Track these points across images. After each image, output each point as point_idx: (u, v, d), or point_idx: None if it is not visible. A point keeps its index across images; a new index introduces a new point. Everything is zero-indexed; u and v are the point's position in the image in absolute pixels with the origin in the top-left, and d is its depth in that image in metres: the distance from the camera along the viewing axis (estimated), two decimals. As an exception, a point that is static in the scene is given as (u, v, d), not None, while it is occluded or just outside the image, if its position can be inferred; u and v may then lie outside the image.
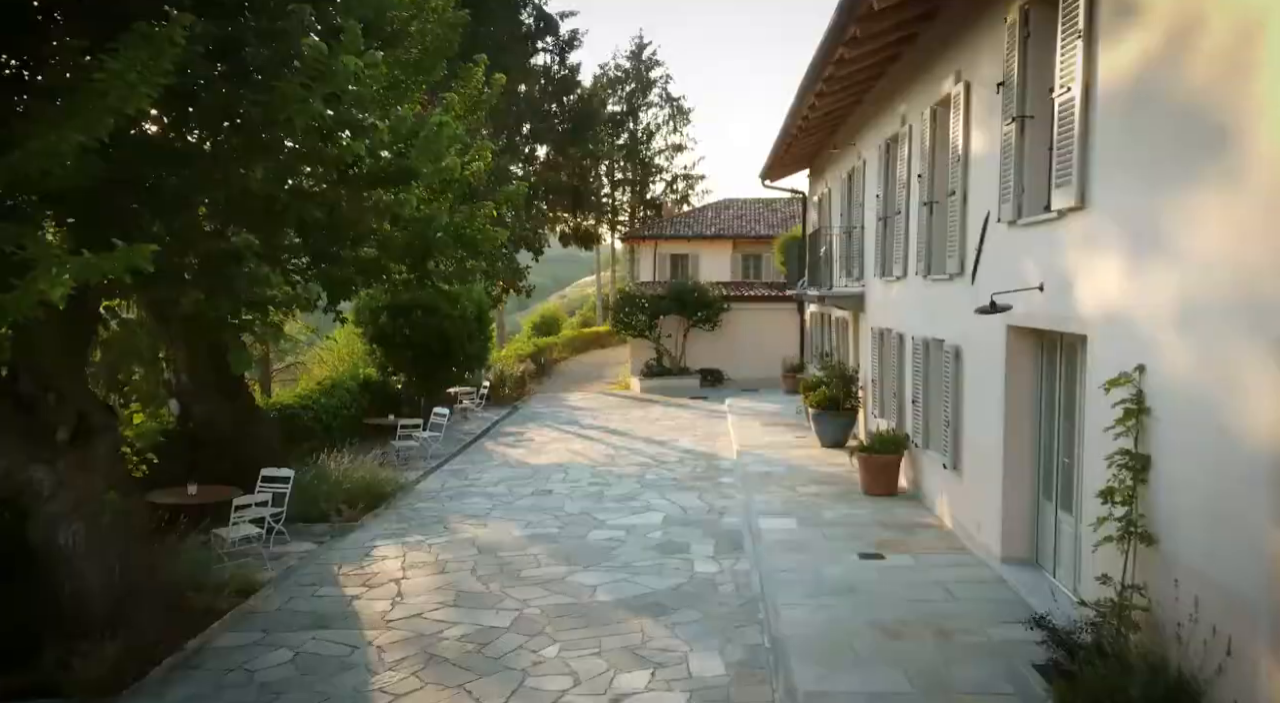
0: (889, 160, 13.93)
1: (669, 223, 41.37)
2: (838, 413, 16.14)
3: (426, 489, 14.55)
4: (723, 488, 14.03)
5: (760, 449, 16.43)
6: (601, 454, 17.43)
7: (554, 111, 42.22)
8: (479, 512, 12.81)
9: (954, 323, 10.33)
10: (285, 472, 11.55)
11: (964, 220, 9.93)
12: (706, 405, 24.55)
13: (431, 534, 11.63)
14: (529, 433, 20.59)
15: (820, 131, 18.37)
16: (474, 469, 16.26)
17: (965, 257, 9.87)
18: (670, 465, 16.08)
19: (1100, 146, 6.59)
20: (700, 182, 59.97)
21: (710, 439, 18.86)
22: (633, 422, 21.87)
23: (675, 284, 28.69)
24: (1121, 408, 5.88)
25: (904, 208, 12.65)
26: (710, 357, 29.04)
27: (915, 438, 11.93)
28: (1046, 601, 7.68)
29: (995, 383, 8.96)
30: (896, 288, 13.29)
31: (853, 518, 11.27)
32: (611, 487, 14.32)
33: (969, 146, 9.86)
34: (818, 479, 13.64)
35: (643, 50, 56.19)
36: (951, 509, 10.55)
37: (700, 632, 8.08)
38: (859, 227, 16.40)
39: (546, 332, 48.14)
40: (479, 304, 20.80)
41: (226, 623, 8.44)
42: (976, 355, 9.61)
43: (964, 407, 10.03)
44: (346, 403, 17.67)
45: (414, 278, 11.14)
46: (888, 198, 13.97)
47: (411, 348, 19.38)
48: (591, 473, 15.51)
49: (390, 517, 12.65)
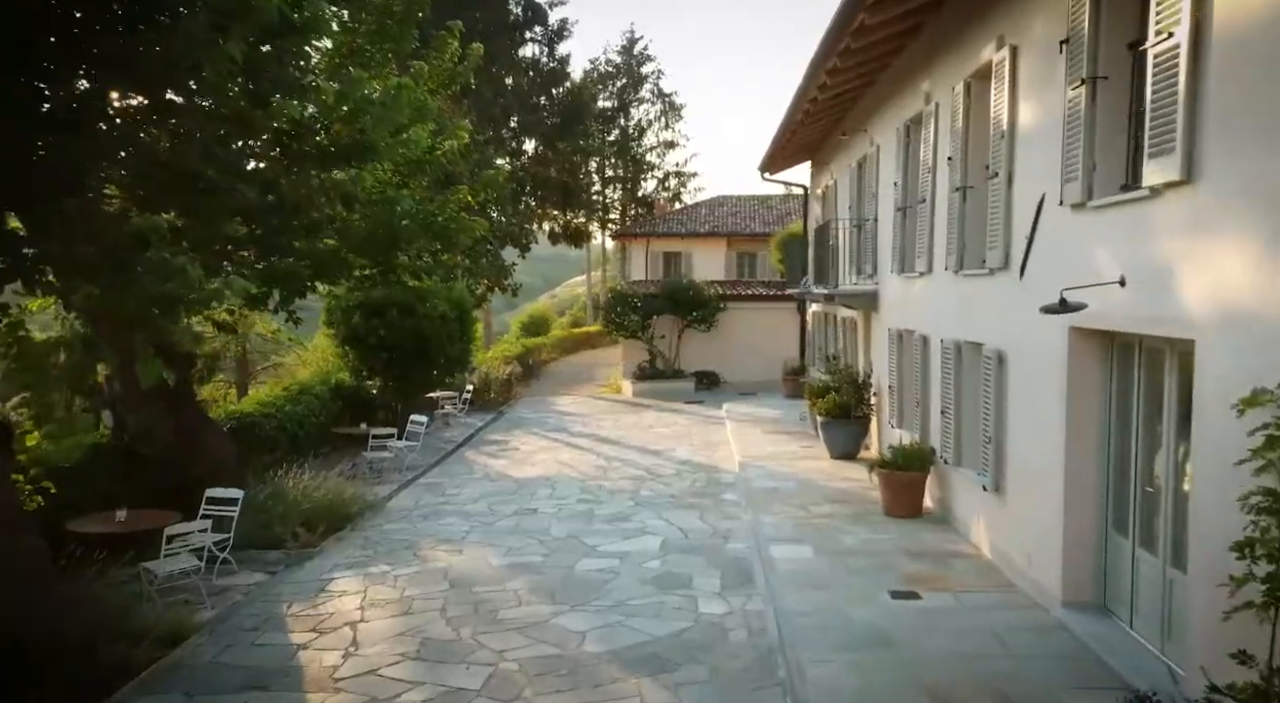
0: (909, 144, 12.62)
1: (661, 220, 40.04)
2: (848, 422, 14.84)
3: (398, 508, 13.17)
4: (726, 507, 12.69)
5: (764, 461, 15.10)
6: (592, 466, 16.08)
7: (542, 104, 40.82)
8: (454, 535, 11.44)
9: (996, 324, 9.02)
10: (234, 492, 10.18)
11: (1009, 206, 8.62)
12: (703, 411, 23.21)
13: (399, 563, 10.26)
14: (514, 441, 19.21)
15: (827, 117, 17.05)
16: (452, 483, 14.88)
17: (1010, 248, 8.57)
18: (667, 479, 14.73)
19: (1215, 104, 5.27)
20: (693, 179, 58.54)
21: (709, 449, 17.52)
22: (625, 429, 20.51)
23: (669, 283, 27.33)
24: (1263, 435, 4.56)
25: (928, 196, 11.34)
26: (705, 359, 27.70)
27: (944, 453, 10.61)
28: (1130, 660, 6.37)
29: (1052, 394, 7.65)
30: (919, 285, 11.98)
31: (876, 545, 9.95)
32: (603, 505, 12.96)
33: (1015, 121, 8.55)
34: (831, 497, 12.32)
35: (634, 45, 54.94)
36: (991, 537, 9.24)
37: (709, 696, 6.73)
38: (871, 219, 15.09)
39: (535, 332, 46.80)
40: (461, 303, 19.40)
41: (143, 683, 7.05)
42: (1026, 361, 8.30)
43: (1009, 420, 8.72)
44: (315, 410, 16.26)
45: (378, 273, 9.75)
46: (908, 186, 12.66)
47: (387, 350, 17.97)
48: (581, 488, 14.15)
49: (355, 541, 11.27)
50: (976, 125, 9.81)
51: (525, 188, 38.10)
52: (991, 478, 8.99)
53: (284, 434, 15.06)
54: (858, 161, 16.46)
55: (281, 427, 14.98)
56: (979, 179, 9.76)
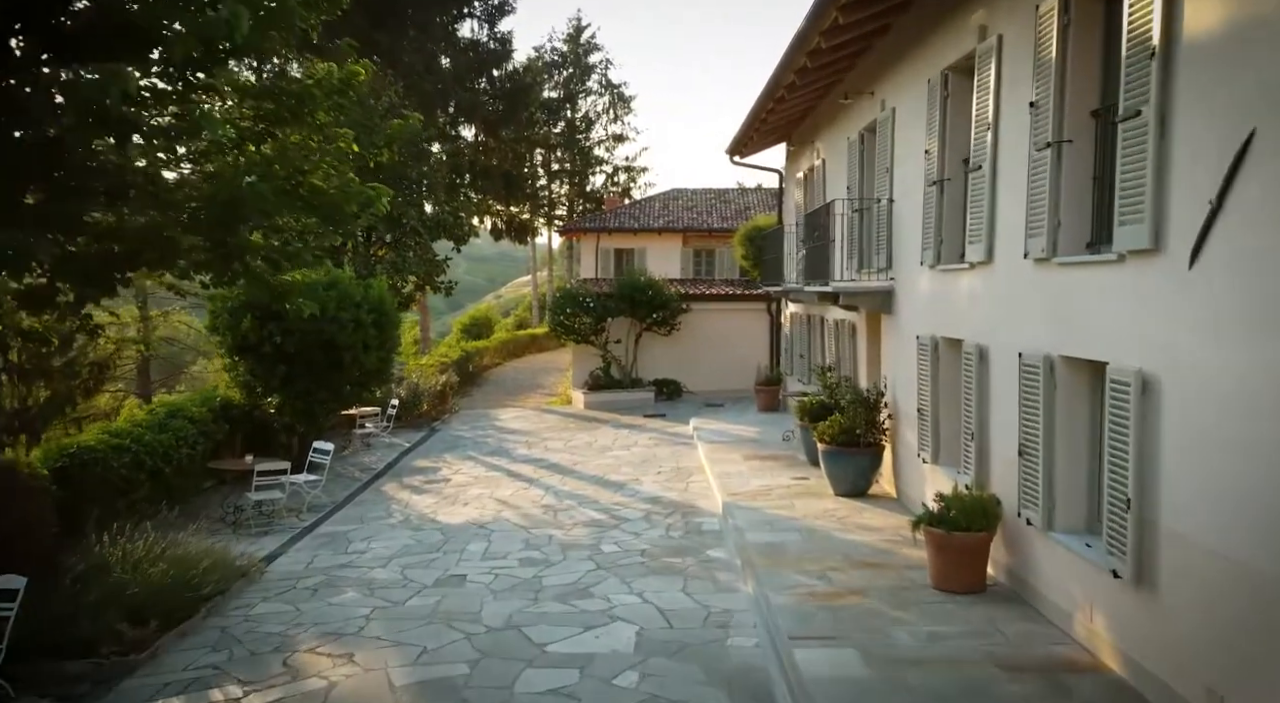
0: (948, 98, 9.79)
1: (612, 214, 36.87)
2: (857, 451, 11.97)
3: (282, 574, 9.96)
4: (716, 570, 9.70)
5: (754, 499, 12.15)
6: (538, 506, 12.99)
7: (483, 87, 37.45)
8: (348, 625, 8.28)
9: (1131, 333, 6.18)
10: (13, 581, 6.98)
11: (1161, 158, 5.78)
12: (667, 427, 20.21)
13: (258, 678, 7.09)
14: (445, 469, 16.02)
15: (818, 82, 14.23)
16: (360, 533, 11.69)
17: (1164, 220, 5.74)
18: (634, 526, 11.70)
19: None
20: (643, 174, 55.40)
21: (681, 479, 14.53)
22: (578, 451, 17.42)
23: (625, 281, 24.27)
24: None
25: (987, 160, 8.52)
26: (666, 366, 24.73)
27: (1025, 511, 7.75)
28: None
29: (1264, 444, 4.83)
30: (971, 279, 9.15)
31: (946, 646, 7.02)
32: (554, 568, 9.89)
33: (1174, 34, 5.71)
34: (854, 557, 9.40)
35: (581, 34, 51.83)
36: (1124, 643, 6.38)
37: None
38: (883, 200, 12.26)
39: (478, 335, 43.51)
40: (380, 305, 16.11)
41: None
42: (1203, 392, 5.46)
43: (1163, 480, 5.88)
44: (189, 439, 12.90)
45: (216, 259, 6.54)
46: (947, 152, 9.83)
47: (285, 361, 14.64)
48: (525, 541, 11.06)
49: (205, 637, 8.06)
50: (1081, 50, 6.98)
51: (464, 178, 34.78)
52: (1129, 562, 6.12)
53: (142, 473, 11.74)
54: (860, 133, 13.63)
55: (138, 462, 11.65)
56: (1083, 128, 6.94)
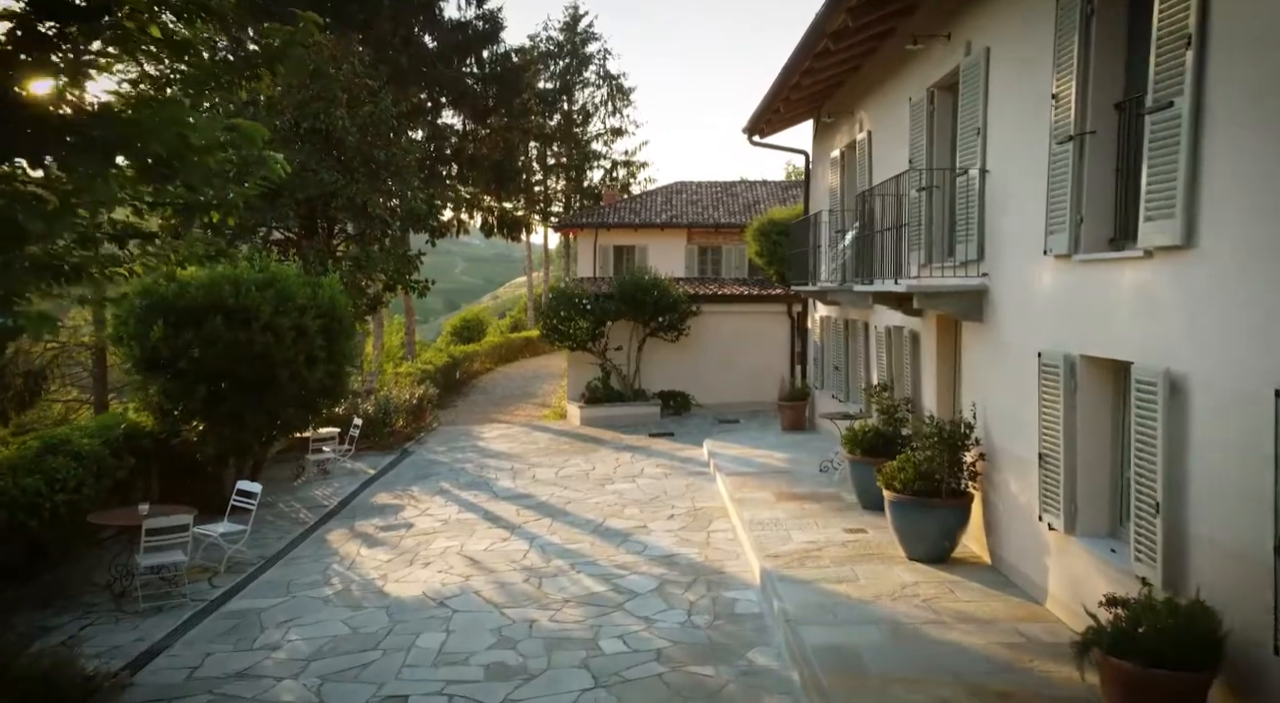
0: (1094, 17, 6.90)
1: (611, 209, 33.99)
2: (938, 503, 9.08)
3: (148, 694, 7.04)
4: (764, 693, 6.76)
5: (802, 566, 9.23)
6: (518, 568, 10.07)
7: (469, 69, 34.52)
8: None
9: None
10: None
11: None
12: (676, 449, 17.29)
13: None
14: (408, 509, 13.11)
15: (870, 32, 11.38)
16: (280, 612, 8.78)
17: None
18: (644, 604, 8.78)
19: None
20: (643, 169, 52.41)
21: (700, 527, 11.61)
22: (572, 485, 14.50)
23: (626, 280, 21.35)
24: None
25: (1188, 103, 5.63)
26: (673, 376, 21.84)
27: None
28: None
29: None
30: (1137, 272, 6.25)
31: None
32: (533, 685, 6.97)
33: None
34: (969, 678, 6.45)
35: (578, 22, 48.97)
36: None
37: None
38: (970, 170, 9.36)
39: (468, 338, 40.64)
40: (331, 308, 13.16)
41: None
42: None
43: None
44: (70, 481, 9.89)
45: None
46: (1091, 92, 6.95)
47: (205, 379, 11.70)
48: (497, 631, 8.13)
49: None
50: None
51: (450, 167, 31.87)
52: None
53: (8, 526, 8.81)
54: (928, 90, 10.74)
55: None
56: None
